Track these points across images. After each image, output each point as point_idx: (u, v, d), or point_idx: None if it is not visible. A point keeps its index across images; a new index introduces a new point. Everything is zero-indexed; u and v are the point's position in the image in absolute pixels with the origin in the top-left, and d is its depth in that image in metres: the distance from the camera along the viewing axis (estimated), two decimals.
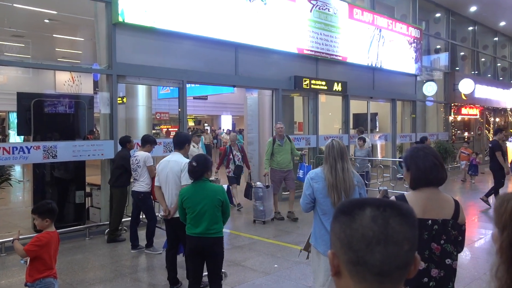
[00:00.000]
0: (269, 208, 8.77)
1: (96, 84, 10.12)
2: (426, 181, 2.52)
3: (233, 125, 35.66)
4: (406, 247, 1.00)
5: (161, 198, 5.14)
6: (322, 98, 13.66)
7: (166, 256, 5.34)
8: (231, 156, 9.94)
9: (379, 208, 1.03)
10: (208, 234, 4.13)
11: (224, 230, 4.36)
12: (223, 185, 4.87)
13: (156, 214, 7.56)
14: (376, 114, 16.23)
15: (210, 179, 4.26)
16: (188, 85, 9.68)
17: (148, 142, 6.97)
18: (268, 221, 8.73)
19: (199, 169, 4.13)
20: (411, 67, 15.83)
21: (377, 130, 16.35)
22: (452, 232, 2.51)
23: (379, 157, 16.14)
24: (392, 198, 2.63)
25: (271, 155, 8.83)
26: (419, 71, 16.27)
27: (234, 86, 11.20)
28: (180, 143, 5.13)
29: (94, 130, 15.54)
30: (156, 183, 5.18)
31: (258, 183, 8.92)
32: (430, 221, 2.50)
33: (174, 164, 5.04)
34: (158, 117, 20.88)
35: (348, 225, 1.03)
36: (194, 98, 25.64)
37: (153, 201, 7.11)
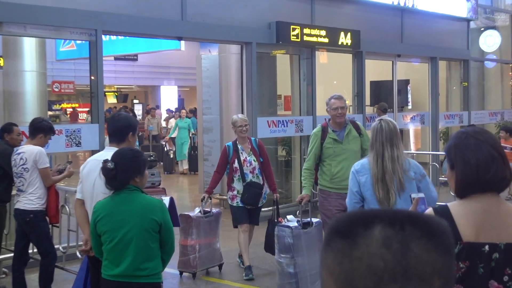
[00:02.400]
0: (307, 269, 6.99)
1: None
2: (481, 184, 2.57)
3: (180, 101, 35.50)
4: (437, 284, 1.02)
5: (83, 221, 5.06)
6: (321, 57, 13.71)
7: None
8: (235, 164, 7.95)
9: (393, 225, 1.04)
10: (135, 277, 4.11)
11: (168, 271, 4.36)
12: (162, 197, 4.82)
13: (56, 246, 7.48)
14: (407, 81, 16.44)
15: (195, 213, 4.25)
16: (105, 38, 9.57)
17: (41, 130, 6.88)
18: None
19: (119, 172, 4.11)
20: (460, 8, 16.06)
21: (409, 107, 16.57)
22: None
23: (412, 149, 16.39)
24: (429, 210, 2.69)
25: (317, 161, 7.13)
26: (474, 14, 16.53)
27: (180, 39, 11.11)
28: (119, 132, 5.04)
29: None
30: (77, 195, 5.13)
31: (288, 217, 7.27)
32: (487, 247, 2.55)
33: None
34: (57, 90, 20.60)
35: (347, 254, 1.04)
36: (116, 58, 25.32)
37: (50, 225, 7.04)
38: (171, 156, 19.51)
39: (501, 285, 2.56)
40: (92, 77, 9.25)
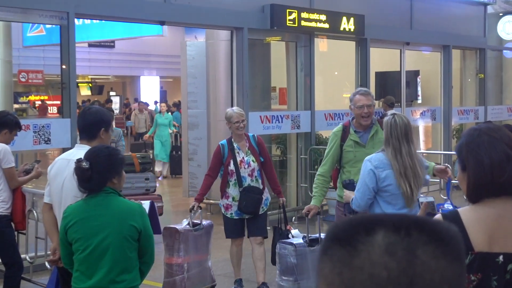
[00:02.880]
0: None
1: None
2: (495, 186, 2.59)
3: (162, 93, 35.47)
4: None
5: (51, 227, 5.09)
6: (321, 45, 13.71)
7: None
8: (231, 166, 7.51)
9: (398, 230, 1.05)
10: None
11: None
12: (142, 202, 4.81)
13: (23, 256, 7.46)
14: (416, 72, 16.47)
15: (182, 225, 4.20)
16: (78, 22, 9.56)
17: (5, 125, 6.86)
18: None
19: (95, 172, 4.11)
20: None
21: (419, 101, 16.60)
22: None
23: (422, 148, 16.43)
24: (438, 216, 2.72)
25: (336, 166, 6.72)
26: None
27: (162, 24, 11.09)
28: (89, 128, 5.02)
29: None
30: (45, 198, 5.13)
31: (293, 231, 7.18)
32: (501, 257, 2.58)
33: None
34: (24, 80, 20.58)
35: (347, 262, 1.05)
36: (91, 45, 25.25)
37: (16, 232, 7.02)
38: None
39: None
40: (63, 66, 9.22)
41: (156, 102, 30.06)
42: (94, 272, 4.10)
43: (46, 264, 7.63)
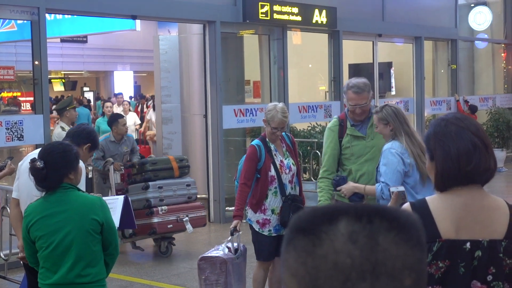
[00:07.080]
0: None
1: None
2: (462, 176, 2.63)
3: (136, 88, 35.29)
4: (408, 282, 1.05)
5: (17, 223, 5.10)
6: (294, 37, 13.73)
7: None
8: (272, 172, 6.27)
9: (360, 218, 1.07)
10: (75, 284, 4.13)
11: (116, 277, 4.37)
12: (116, 197, 4.78)
13: None
14: (389, 64, 16.54)
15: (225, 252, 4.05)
16: (49, 17, 9.47)
17: None
18: None
19: (50, 170, 4.09)
20: None
21: (392, 93, 16.68)
22: (506, 261, 2.64)
23: None
24: (407, 205, 2.76)
25: (336, 164, 6.01)
26: None
27: (135, 18, 11.05)
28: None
29: None
30: (13, 193, 5.15)
31: None
32: (468, 244, 2.62)
33: None
34: None
35: (311, 251, 1.06)
36: (63, 41, 25.04)
37: None
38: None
39: (484, 285, 2.62)
40: (35, 62, 9.17)
41: (141, 97, 29.17)
42: (60, 267, 4.12)
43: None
